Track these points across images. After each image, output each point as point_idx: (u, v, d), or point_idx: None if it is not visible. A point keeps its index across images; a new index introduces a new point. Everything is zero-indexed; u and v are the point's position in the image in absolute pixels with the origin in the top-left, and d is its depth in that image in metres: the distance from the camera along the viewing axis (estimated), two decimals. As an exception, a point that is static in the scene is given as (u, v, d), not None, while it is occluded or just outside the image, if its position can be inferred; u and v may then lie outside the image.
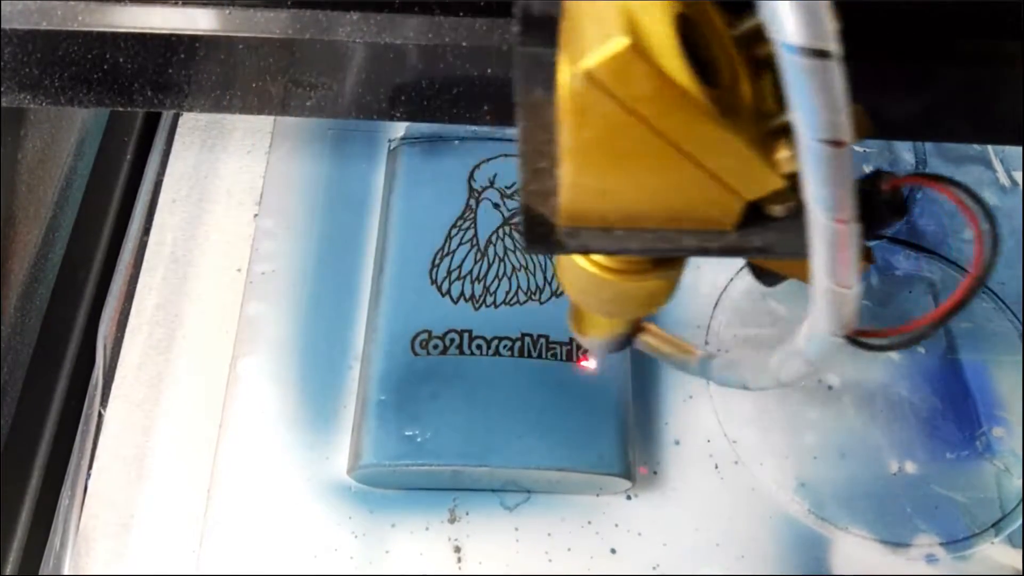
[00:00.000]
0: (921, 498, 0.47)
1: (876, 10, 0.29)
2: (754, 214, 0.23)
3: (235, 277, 0.52)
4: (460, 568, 0.44)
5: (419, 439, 0.42)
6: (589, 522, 0.45)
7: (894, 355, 0.51)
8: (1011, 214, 0.57)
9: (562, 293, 0.46)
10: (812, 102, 0.18)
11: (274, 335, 0.49)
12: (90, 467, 0.46)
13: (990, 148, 0.59)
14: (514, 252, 0.48)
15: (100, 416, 0.48)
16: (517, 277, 0.47)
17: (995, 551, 0.46)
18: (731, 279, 0.53)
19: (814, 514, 0.46)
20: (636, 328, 0.36)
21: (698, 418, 0.48)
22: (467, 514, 0.45)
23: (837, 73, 0.17)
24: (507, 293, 0.47)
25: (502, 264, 0.48)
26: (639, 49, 0.18)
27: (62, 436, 0.49)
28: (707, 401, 0.49)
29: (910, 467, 0.48)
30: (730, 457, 0.47)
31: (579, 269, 0.28)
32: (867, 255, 0.28)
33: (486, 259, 0.48)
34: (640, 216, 0.23)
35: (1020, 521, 0.47)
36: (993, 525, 0.47)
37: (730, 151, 0.21)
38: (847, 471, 0.48)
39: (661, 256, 0.27)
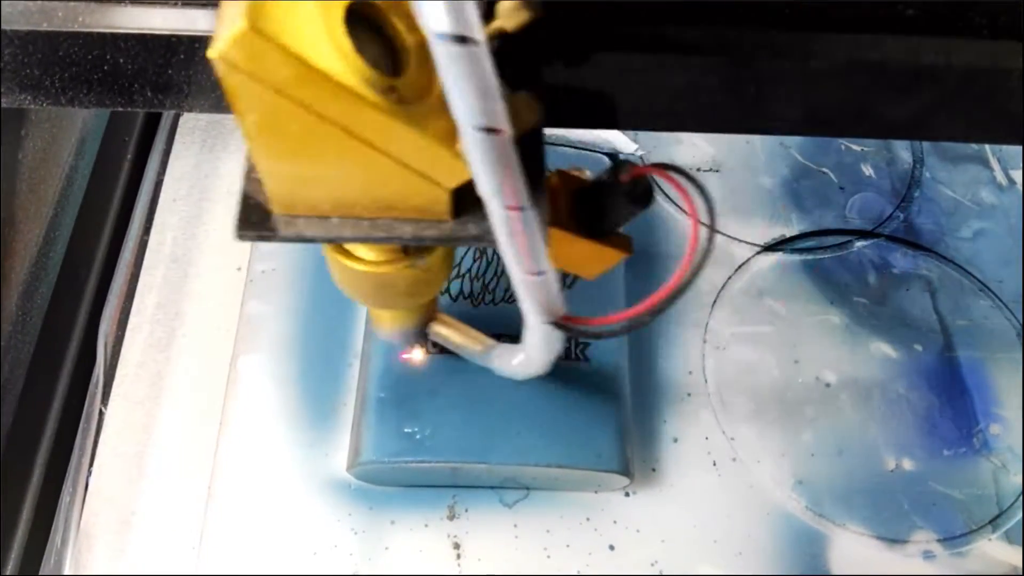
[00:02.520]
0: (918, 495, 0.47)
1: (876, 9, 0.29)
2: (472, 202, 0.23)
3: (235, 276, 0.52)
4: (459, 565, 0.44)
5: (418, 436, 0.42)
6: (588, 519, 0.45)
7: (892, 352, 0.51)
8: (1008, 212, 0.57)
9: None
10: (463, 89, 0.18)
11: (274, 333, 0.49)
12: (91, 465, 0.47)
13: (988, 147, 0.60)
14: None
15: (101, 414, 0.48)
16: (516, 275, 0.47)
17: (992, 548, 0.46)
18: (729, 277, 0.53)
19: (812, 511, 0.46)
20: (428, 318, 0.37)
21: (696, 416, 0.49)
22: (466, 511, 0.45)
23: (485, 60, 0.17)
24: (506, 291, 0.47)
25: (501, 262, 0.48)
26: (261, 32, 0.18)
27: (63, 434, 0.49)
28: (705, 399, 0.49)
29: (907, 464, 0.48)
30: (728, 454, 0.48)
31: (335, 262, 0.28)
32: (626, 245, 0.28)
33: (484, 257, 0.48)
34: (351, 205, 0.24)
35: (1017, 518, 0.47)
36: (990, 522, 0.47)
37: (408, 141, 0.21)
38: (844, 468, 0.48)
39: (378, 244, 0.28)
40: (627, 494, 0.46)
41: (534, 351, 0.33)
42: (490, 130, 0.19)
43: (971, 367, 0.51)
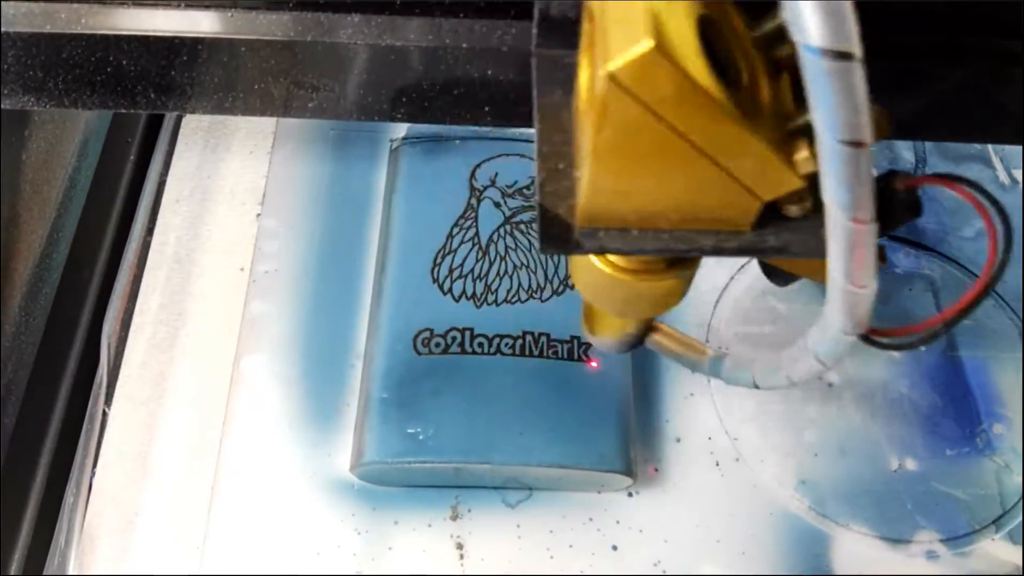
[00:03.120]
0: (921, 495, 0.47)
1: (876, 9, 0.29)
2: (770, 214, 0.23)
3: (238, 276, 0.52)
4: (462, 565, 0.44)
5: (421, 436, 0.42)
6: (590, 519, 0.45)
7: (894, 352, 0.51)
8: (1011, 212, 0.57)
9: (563, 291, 0.46)
10: (833, 104, 0.18)
11: (277, 334, 0.49)
12: (94, 465, 0.47)
13: (990, 146, 0.60)
14: (515, 251, 0.48)
15: (104, 415, 0.48)
16: (518, 275, 0.47)
17: (995, 548, 0.46)
18: (732, 277, 0.53)
19: (815, 511, 0.46)
20: (647, 327, 0.36)
21: (699, 415, 0.49)
22: (469, 511, 0.45)
23: (859, 75, 0.17)
24: (508, 291, 0.47)
25: (503, 262, 0.48)
26: (664, 51, 0.18)
27: (66, 435, 0.49)
28: (708, 398, 0.49)
29: (910, 464, 0.48)
30: (731, 454, 0.48)
31: (594, 269, 0.28)
32: (881, 255, 0.28)
33: (487, 257, 0.48)
34: (657, 216, 0.23)
35: (1020, 518, 0.47)
36: (993, 522, 0.47)
37: (750, 152, 0.21)
38: (848, 468, 0.48)
39: (677, 256, 0.27)
40: (630, 494, 0.46)
41: (812, 363, 0.32)
42: (856, 144, 0.19)
43: (974, 367, 0.51)
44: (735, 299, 0.52)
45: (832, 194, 0.20)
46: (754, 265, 0.54)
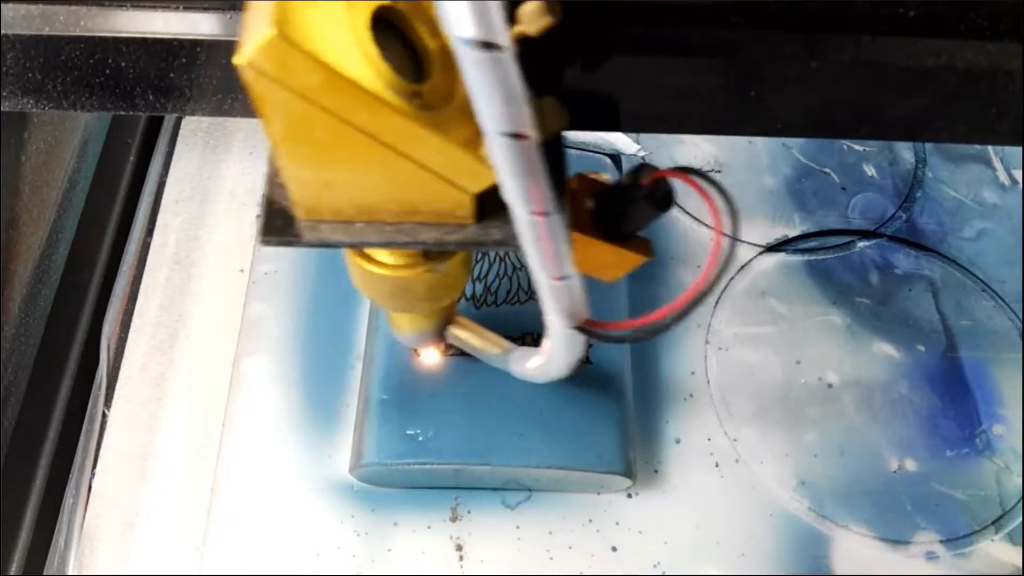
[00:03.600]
0: (921, 496, 0.47)
1: (876, 10, 0.29)
2: (495, 207, 0.23)
3: (238, 277, 0.52)
4: (462, 566, 0.44)
5: (421, 438, 0.42)
6: (590, 520, 0.45)
7: (894, 352, 0.51)
8: (1011, 212, 0.57)
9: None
10: (489, 95, 0.18)
11: (277, 335, 0.49)
12: (94, 467, 0.47)
13: (990, 147, 0.60)
14: (514, 252, 0.48)
15: (104, 416, 0.48)
16: (518, 276, 0.47)
17: (995, 548, 0.46)
18: (732, 277, 0.53)
19: (814, 512, 0.46)
20: (445, 321, 0.37)
21: (699, 417, 0.49)
22: (469, 512, 0.45)
23: (510, 65, 0.17)
24: (508, 292, 0.47)
25: (503, 264, 0.48)
26: (289, 39, 0.18)
27: (66, 436, 0.49)
28: (707, 400, 0.49)
29: (910, 465, 0.48)
30: (730, 455, 0.48)
31: (354, 266, 0.28)
32: (645, 248, 0.28)
33: (487, 259, 0.48)
34: (375, 209, 0.24)
35: (1020, 519, 0.47)
36: (993, 522, 0.47)
37: (433, 147, 0.21)
38: (847, 469, 0.48)
39: (401, 248, 0.28)
40: (629, 495, 0.46)
41: (556, 355, 0.33)
42: (516, 135, 0.19)
43: (974, 367, 0.51)
44: (734, 300, 0.52)
45: (505, 187, 0.21)
46: (755, 265, 0.54)
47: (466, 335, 0.38)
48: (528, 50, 0.20)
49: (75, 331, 0.52)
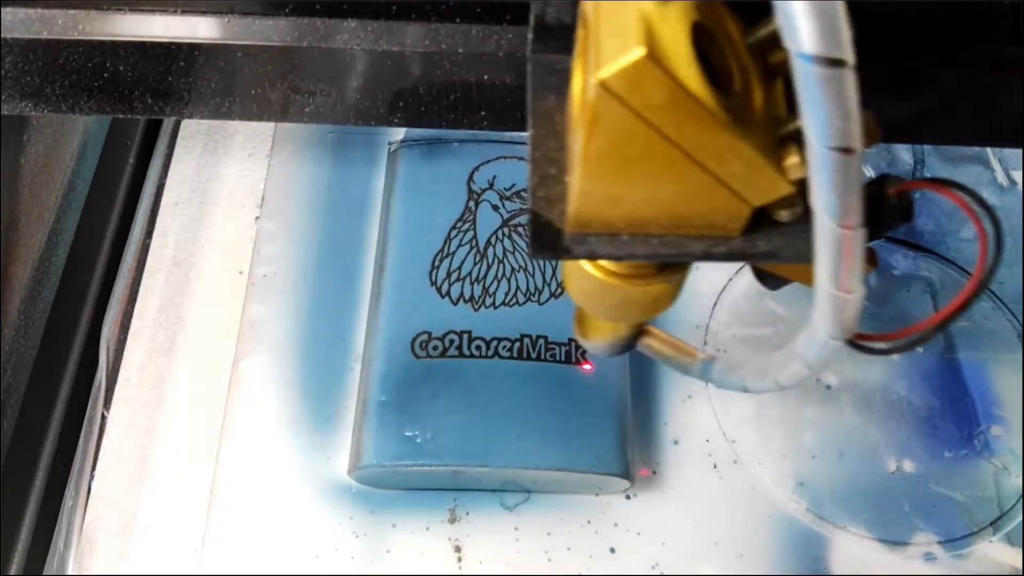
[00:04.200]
0: (919, 497, 0.47)
1: (876, 12, 0.29)
2: (760, 219, 0.23)
3: (237, 279, 0.52)
4: (460, 568, 0.44)
5: (419, 440, 0.42)
6: (588, 521, 0.46)
7: (888, 355, 0.51)
8: (1009, 213, 0.57)
9: (561, 294, 0.46)
10: (824, 110, 0.18)
11: (275, 337, 0.50)
12: (93, 468, 0.47)
13: (988, 148, 0.60)
14: (513, 254, 0.48)
15: (103, 418, 0.48)
16: (516, 278, 0.47)
17: (993, 550, 0.46)
18: (730, 279, 0.53)
19: (812, 513, 0.46)
20: (639, 331, 0.36)
21: (697, 418, 0.49)
22: (467, 514, 0.45)
23: (851, 82, 0.17)
24: (506, 294, 0.47)
25: (501, 265, 0.48)
26: (655, 59, 0.18)
27: (65, 438, 0.49)
28: (706, 401, 0.49)
29: (908, 466, 0.48)
30: (729, 457, 0.48)
31: (584, 274, 0.28)
32: (871, 258, 0.28)
33: (485, 260, 0.48)
34: (647, 222, 0.23)
35: (1018, 520, 0.47)
36: (991, 524, 0.47)
37: (740, 158, 0.21)
38: (845, 470, 0.48)
39: (667, 261, 0.27)
40: (628, 496, 0.46)
41: (806, 367, 0.32)
42: (845, 150, 0.19)
43: (972, 369, 0.51)
44: (733, 301, 0.52)
45: (820, 200, 0.20)
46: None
47: (659, 345, 0.38)
48: None
49: (74, 333, 0.52)
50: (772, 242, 0.24)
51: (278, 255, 0.52)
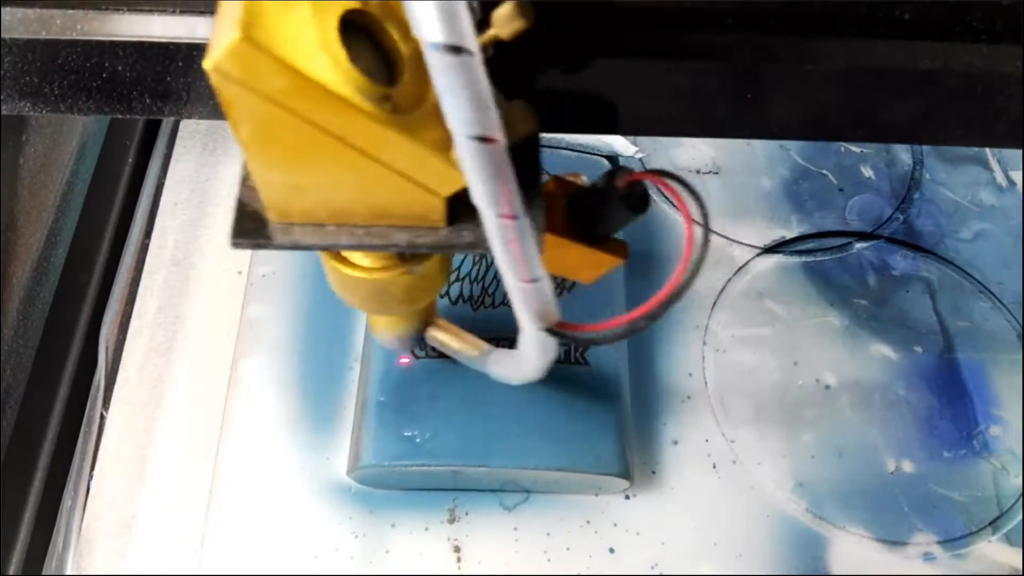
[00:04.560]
0: (918, 497, 0.47)
1: (876, 12, 0.29)
2: (466, 209, 0.23)
3: (236, 279, 0.52)
4: (460, 568, 0.44)
5: (418, 440, 0.42)
6: (588, 521, 0.46)
7: (892, 354, 0.51)
8: (1008, 214, 0.57)
9: (560, 294, 0.46)
10: (457, 99, 0.18)
11: (275, 337, 0.50)
12: (92, 468, 0.47)
13: (987, 149, 0.60)
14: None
15: (102, 418, 0.48)
16: (516, 278, 0.47)
17: (992, 549, 0.46)
18: (729, 279, 0.53)
19: (812, 513, 0.46)
20: (425, 323, 0.37)
21: (696, 418, 0.49)
22: (466, 514, 0.45)
23: (478, 69, 0.18)
24: (505, 294, 0.47)
25: (501, 266, 0.48)
26: (255, 42, 0.18)
27: (64, 438, 0.49)
28: (705, 401, 0.49)
29: (907, 466, 0.48)
30: (728, 457, 0.48)
31: (331, 268, 0.29)
32: (621, 251, 0.28)
33: (484, 260, 0.48)
34: (346, 212, 0.24)
35: (1018, 519, 0.47)
36: (990, 523, 0.47)
37: (403, 150, 0.21)
38: (844, 470, 0.48)
39: (373, 251, 0.28)
40: (627, 497, 0.46)
41: (528, 357, 0.33)
42: (484, 139, 0.19)
43: (971, 369, 0.51)
44: (732, 301, 0.52)
45: (474, 190, 0.21)
46: (752, 267, 0.54)
47: (446, 337, 0.38)
48: (500, 54, 0.21)
49: (73, 333, 0.52)
50: (477, 233, 0.24)
51: (277, 255, 0.52)
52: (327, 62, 0.19)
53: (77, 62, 0.27)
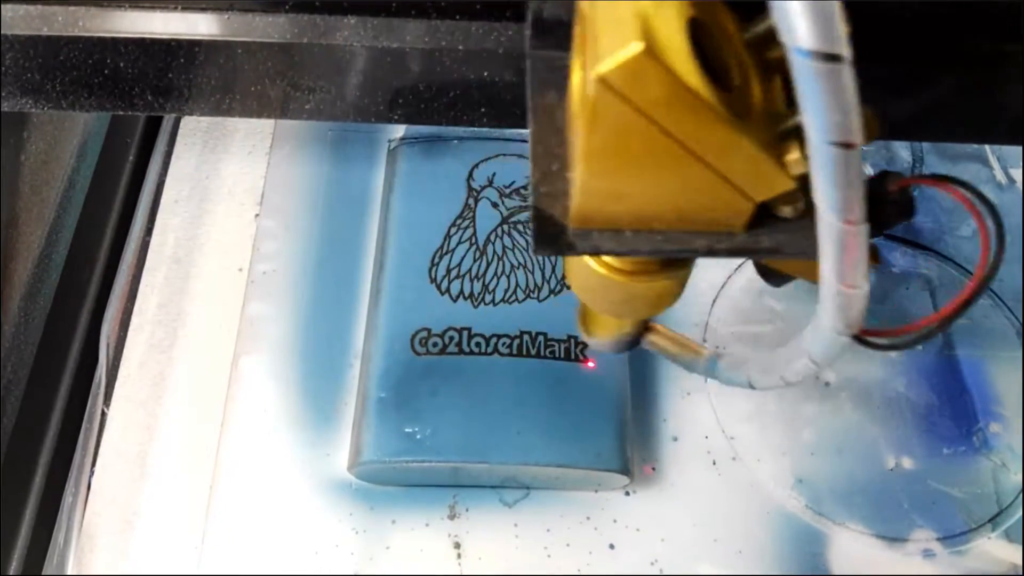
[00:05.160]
0: (918, 493, 0.47)
1: (876, 11, 0.29)
2: (763, 215, 0.23)
3: (236, 276, 0.52)
4: (460, 564, 0.44)
5: (419, 436, 0.42)
6: (588, 518, 0.46)
7: (891, 352, 0.51)
8: (1008, 211, 0.57)
9: (560, 291, 0.46)
10: (823, 105, 0.18)
11: (275, 334, 0.50)
12: (93, 465, 0.47)
13: (987, 146, 0.60)
14: (512, 250, 0.48)
15: (103, 414, 0.48)
16: (516, 275, 0.47)
17: (992, 546, 0.46)
18: (729, 276, 0.53)
19: (811, 509, 0.46)
20: (643, 328, 0.36)
21: (696, 415, 0.49)
22: (467, 510, 0.45)
23: (848, 76, 0.17)
24: (506, 291, 0.47)
25: (501, 262, 0.48)
26: (653, 54, 0.18)
27: (65, 434, 0.49)
28: (705, 398, 0.49)
29: (907, 463, 0.48)
30: (728, 453, 0.48)
31: (588, 270, 0.28)
32: (874, 255, 0.28)
33: (485, 257, 0.48)
34: (650, 218, 0.23)
35: (1017, 516, 0.47)
36: (990, 520, 0.47)
37: (741, 154, 0.21)
38: (844, 467, 0.48)
39: (670, 257, 0.27)
40: (627, 493, 0.46)
41: (812, 363, 0.32)
42: (846, 145, 0.19)
43: (971, 366, 0.51)
44: (732, 298, 0.53)
45: (822, 195, 0.21)
46: (751, 264, 0.54)
47: (664, 342, 0.38)
48: None
49: (74, 330, 0.52)
50: (776, 238, 0.24)
51: (278, 252, 0.52)
52: (694, 69, 0.19)
53: (79, 59, 0.27)
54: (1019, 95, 0.32)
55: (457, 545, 0.45)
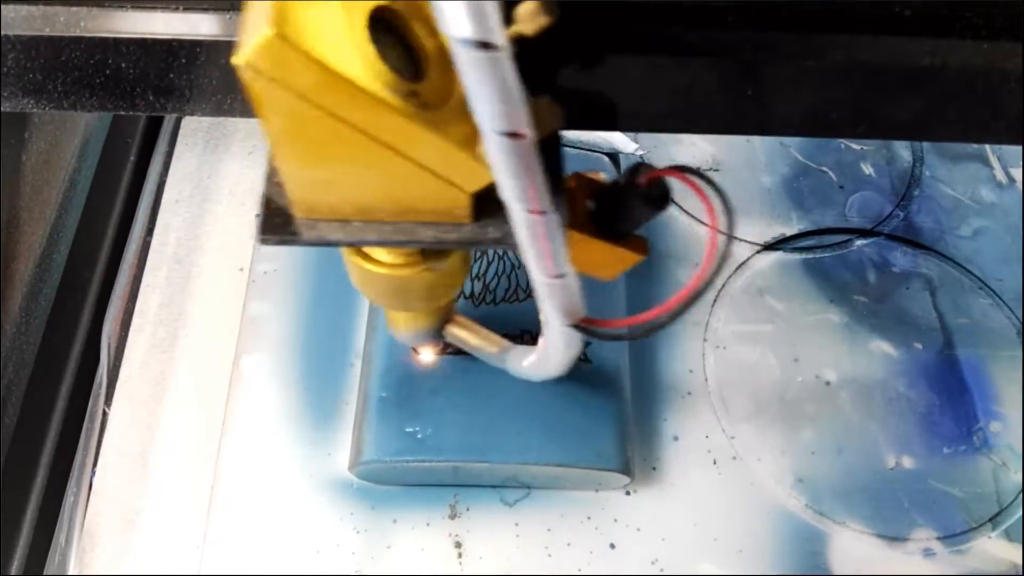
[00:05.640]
0: (918, 493, 0.47)
1: (876, 10, 0.29)
2: (491, 205, 0.23)
3: (237, 276, 0.52)
4: (461, 563, 0.44)
5: (420, 435, 0.42)
6: (588, 517, 0.46)
7: (892, 350, 0.51)
8: (1008, 210, 0.57)
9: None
10: (486, 94, 0.18)
11: (276, 333, 0.50)
12: (95, 465, 0.47)
13: (987, 145, 0.60)
14: (512, 250, 0.48)
15: (104, 414, 0.48)
16: (516, 275, 0.47)
17: (992, 545, 0.46)
18: (730, 276, 0.53)
19: (812, 509, 0.47)
20: (444, 320, 0.37)
21: (697, 414, 0.49)
22: (467, 510, 0.46)
23: (507, 65, 0.17)
24: (507, 291, 0.47)
25: (502, 262, 0.48)
26: (287, 39, 0.18)
27: (67, 434, 0.49)
28: (706, 397, 0.49)
29: (907, 462, 0.48)
30: (728, 453, 0.48)
31: (352, 265, 0.29)
32: (642, 247, 0.29)
33: (486, 257, 0.48)
34: (373, 208, 0.24)
35: (1017, 515, 0.47)
36: (990, 519, 0.47)
37: (429, 145, 0.21)
38: (844, 466, 0.48)
39: (400, 247, 0.28)
40: (628, 493, 0.46)
41: (553, 353, 0.33)
42: (513, 135, 0.19)
43: (971, 365, 0.51)
44: (732, 298, 0.53)
45: (503, 186, 0.21)
46: (752, 264, 0.54)
47: (464, 334, 0.39)
48: (524, 50, 0.21)
49: (76, 330, 0.52)
50: (503, 228, 0.24)
51: (278, 252, 0.52)
52: (356, 58, 0.19)
53: (80, 59, 0.27)
54: (1019, 94, 0.32)
55: (458, 544, 0.45)
